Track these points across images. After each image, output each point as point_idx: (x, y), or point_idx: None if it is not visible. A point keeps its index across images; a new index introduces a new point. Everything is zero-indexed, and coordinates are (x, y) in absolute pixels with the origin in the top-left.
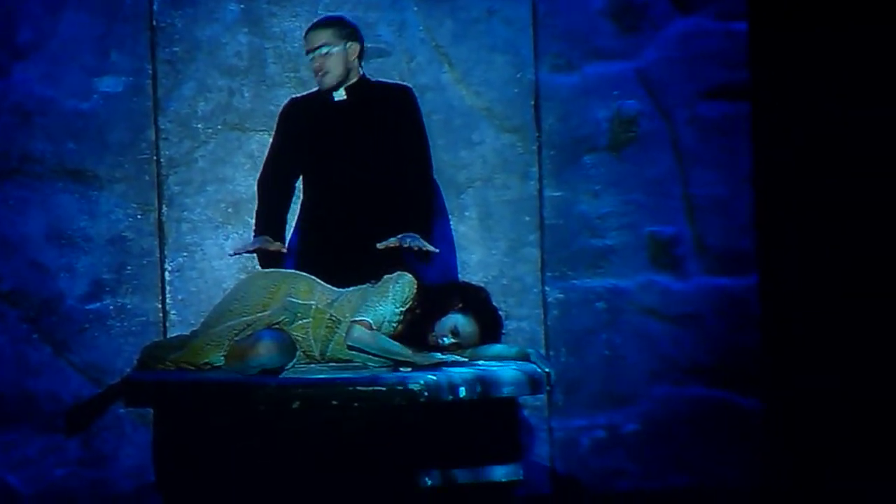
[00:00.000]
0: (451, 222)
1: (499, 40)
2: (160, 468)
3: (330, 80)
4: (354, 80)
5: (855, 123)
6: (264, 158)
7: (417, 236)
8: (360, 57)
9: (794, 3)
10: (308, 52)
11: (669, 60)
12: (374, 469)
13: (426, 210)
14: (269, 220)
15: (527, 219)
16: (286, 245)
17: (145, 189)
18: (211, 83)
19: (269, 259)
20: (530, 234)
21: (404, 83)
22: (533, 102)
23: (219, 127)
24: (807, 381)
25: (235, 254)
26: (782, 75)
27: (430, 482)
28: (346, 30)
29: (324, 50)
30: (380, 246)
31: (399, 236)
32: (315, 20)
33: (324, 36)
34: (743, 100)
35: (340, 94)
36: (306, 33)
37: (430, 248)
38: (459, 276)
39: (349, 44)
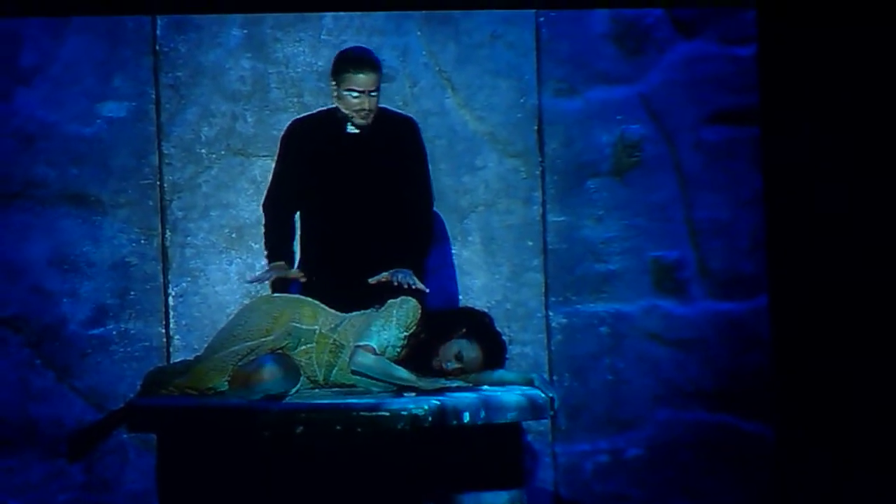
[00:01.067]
0: (455, 247)
1: (502, 65)
2: (163, 494)
3: (368, 121)
4: None
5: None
6: (269, 182)
7: (409, 272)
8: None
9: (800, 24)
10: (351, 90)
11: (673, 85)
12: (377, 494)
13: (423, 244)
14: (282, 246)
15: (530, 244)
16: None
17: (149, 214)
18: (214, 108)
19: (284, 286)
20: (534, 259)
21: (408, 115)
22: (536, 127)
23: (222, 152)
24: (814, 405)
25: (253, 281)
26: (789, 98)
27: None
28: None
29: (374, 93)
30: (371, 281)
31: (391, 272)
32: (358, 55)
33: (376, 80)
34: (746, 124)
35: (353, 128)
36: (356, 70)
37: (420, 285)
38: (462, 300)
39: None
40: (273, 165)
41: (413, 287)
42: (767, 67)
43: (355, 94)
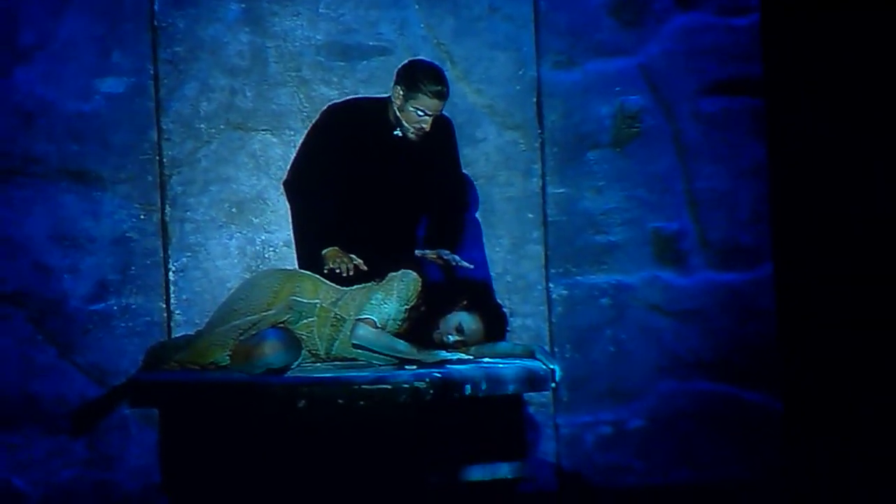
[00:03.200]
0: None
1: (500, 37)
2: (166, 468)
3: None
4: None
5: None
6: (297, 159)
7: (448, 251)
8: None
9: None
10: (419, 109)
11: (671, 56)
12: (379, 467)
13: (456, 235)
14: (328, 228)
15: (530, 216)
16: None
17: (148, 189)
18: (213, 83)
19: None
20: (534, 231)
21: (445, 115)
22: (535, 99)
23: (221, 127)
24: (816, 376)
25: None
26: (791, 67)
27: (435, 480)
28: None
29: (438, 113)
30: (418, 254)
31: (436, 250)
32: (438, 76)
33: (444, 105)
34: (745, 94)
35: (399, 132)
36: (433, 94)
37: (466, 263)
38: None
39: None
40: (302, 141)
41: (460, 265)
42: (769, 37)
43: (421, 114)
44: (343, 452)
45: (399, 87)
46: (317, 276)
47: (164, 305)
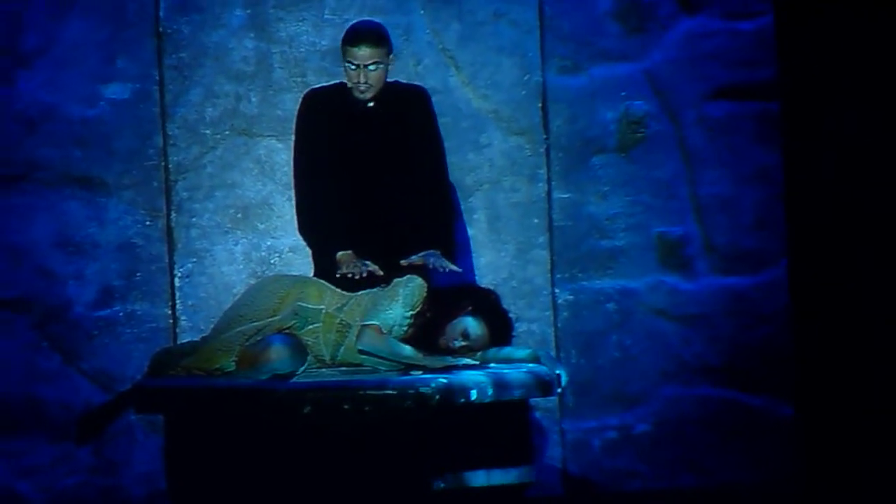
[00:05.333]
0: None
1: (506, 43)
2: (172, 475)
3: (370, 94)
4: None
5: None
6: (297, 160)
7: (439, 254)
8: None
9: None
10: (350, 63)
11: (676, 61)
12: (385, 472)
13: (447, 222)
14: (340, 232)
15: (535, 221)
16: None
17: (154, 195)
18: (218, 89)
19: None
20: (539, 237)
21: (418, 85)
22: (540, 104)
23: (226, 132)
24: (827, 380)
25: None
26: (805, 69)
27: (441, 485)
28: (391, 44)
29: (373, 67)
30: (403, 263)
31: (422, 254)
32: (360, 29)
33: (376, 53)
34: (750, 99)
35: (369, 102)
36: (354, 44)
37: (454, 267)
38: (470, 279)
39: (391, 56)
40: (293, 145)
41: (447, 270)
42: (784, 39)
43: (353, 67)
44: (348, 458)
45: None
46: (322, 281)
47: (170, 311)
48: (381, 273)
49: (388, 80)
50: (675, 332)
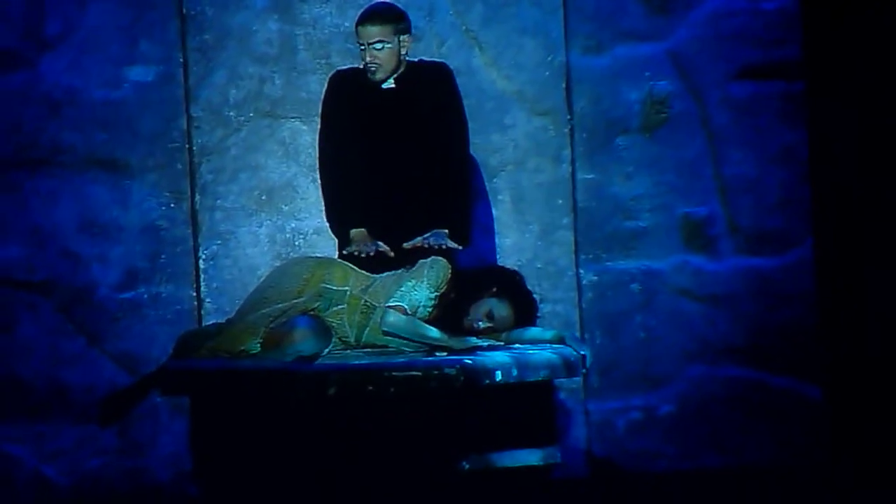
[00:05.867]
0: (484, 206)
1: (529, 23)
2: (197, 456)
3: (382, 75)
4: (403, 68)
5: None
6: (321, 142)
7: (444, 233)
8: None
9: None
10: (359, 43)
11: (700, 40)
12: (410, 454)
13: (459, 200)
14: (355, 210)
15: (560, 202)
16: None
17: (178, 177)
18: (242, 71)
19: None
20: (564, 217)
21: (441, 61)
22: (564, 85)
23: (251, 114)
24: (853, 361)
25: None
26: (831, 49)
27: (467, 466)
28: (402, 24)
29: (378, 46)
30: (406, 246)
31: (424, 236)
32: (368, 8)
33: (379, 32)
34: (774, 78)
35: (389, 83)
36: (360, 24)
37: (453, 244)
38: (495, 260)
39: (403, 37)
40: (318, 128)
41: (444, 247)
42: (808, 19)
43: (363, 46)
44: (373, 439)
45: None
46: (347, 263)
47: (195, 293)
48: (392, 254)
49: (411, 59)
50: (699, 313)
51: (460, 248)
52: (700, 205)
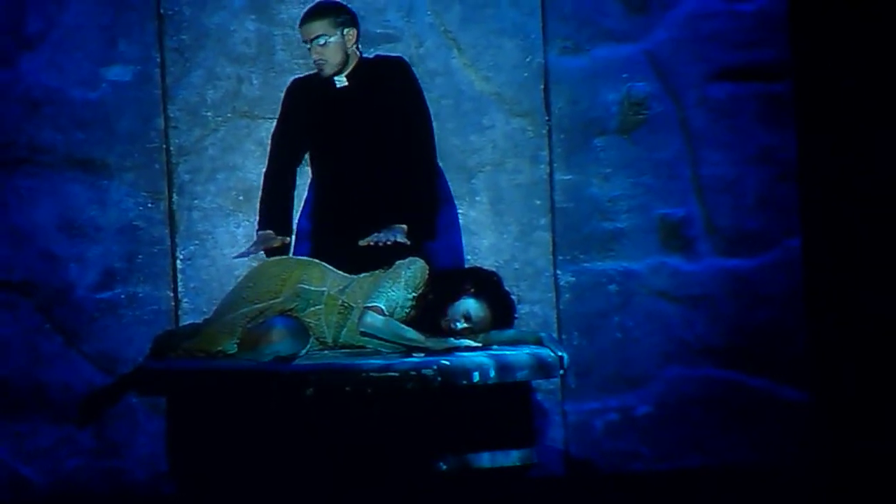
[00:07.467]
0: (462, 207)
1: (507, 24)
2: (174, 457)
3: (329, 70)
4: (354, 63)
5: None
6: (269, 146)
7: (400, 229)
8: (358, 40)
9: None
10: (304, 42)
11: (678, 42)
12: (387, 454)
13: (427, 193)
14: (272, 212)
15: (538, 203)
16: (294, 232)
17: (155, 178)
18: (219, 71)
19: (275, 253)
20: (541, 218)
21: (396, 55)
22: (542, 86)
23: (228, 115)
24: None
25: (240, 257)
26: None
27: (443, 467)
28: (342, 17)
29: (321, 41)
30: (362, 243)
31: (377, 233)
32: (309, 7)
33: (319, 27)
34: (751, 80)
35: (342, 80)
36: (301, 23)
37: (403, 240)
38: (470, 260)
39: (346, 30)
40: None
41: (393, 242)
42: (796, 19)
43: (307, 45)
44: (351, 440)
45: None
46: (324, 264)
47: (172, 294)
48: (283, 244)
49: (374, 55)
50: (676, 314)
51: (408, 243)
52: (678, 206)
